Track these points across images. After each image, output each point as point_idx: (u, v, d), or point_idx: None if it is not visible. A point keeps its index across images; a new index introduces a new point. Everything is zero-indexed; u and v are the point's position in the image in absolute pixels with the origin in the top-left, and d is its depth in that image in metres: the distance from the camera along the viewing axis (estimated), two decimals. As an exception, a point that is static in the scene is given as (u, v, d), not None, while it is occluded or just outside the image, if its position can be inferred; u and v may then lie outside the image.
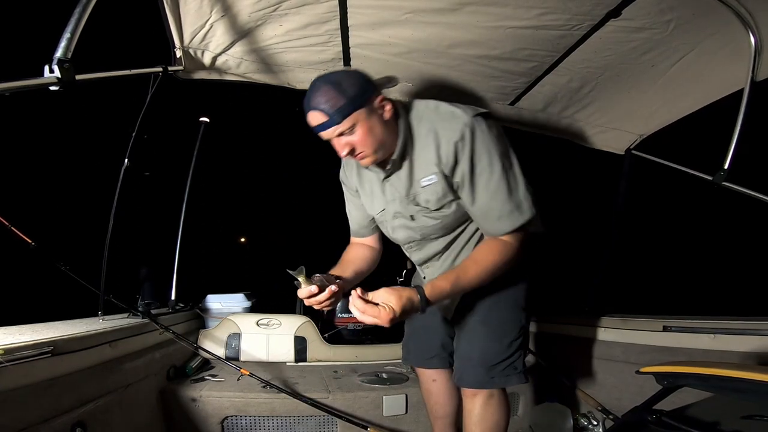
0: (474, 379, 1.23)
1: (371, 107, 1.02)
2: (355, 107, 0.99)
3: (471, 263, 1.08)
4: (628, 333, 1.76)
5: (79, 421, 1.11)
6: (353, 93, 0.99)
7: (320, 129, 1.02)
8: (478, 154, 1.05)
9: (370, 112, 1.02)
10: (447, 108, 1.09)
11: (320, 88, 0.99)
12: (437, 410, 1.47)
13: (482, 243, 1.14)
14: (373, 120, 1.03)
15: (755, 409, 0.84)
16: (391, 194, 1.19)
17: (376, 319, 0.95)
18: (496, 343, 1.22)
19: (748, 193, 1.58)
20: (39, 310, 1.68)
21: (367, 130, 1.02)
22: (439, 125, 1.07)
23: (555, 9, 1.30)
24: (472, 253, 1.12)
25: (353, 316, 1.00)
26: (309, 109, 1.01)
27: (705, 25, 1.38)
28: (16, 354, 0.95)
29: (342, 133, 1.01)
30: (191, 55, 1.50)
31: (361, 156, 1.06)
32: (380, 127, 1.04)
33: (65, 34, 1.03)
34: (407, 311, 0.97)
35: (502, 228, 1.09)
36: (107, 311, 1.65)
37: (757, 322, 1.38)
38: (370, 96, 1.03)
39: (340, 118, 0.98)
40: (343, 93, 0.98)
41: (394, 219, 1.23)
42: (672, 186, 4.85)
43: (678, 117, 1.90)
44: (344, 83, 0.99)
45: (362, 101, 1.00)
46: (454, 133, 1.04)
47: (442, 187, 1.10)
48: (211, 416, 1.61)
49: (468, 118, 1.04)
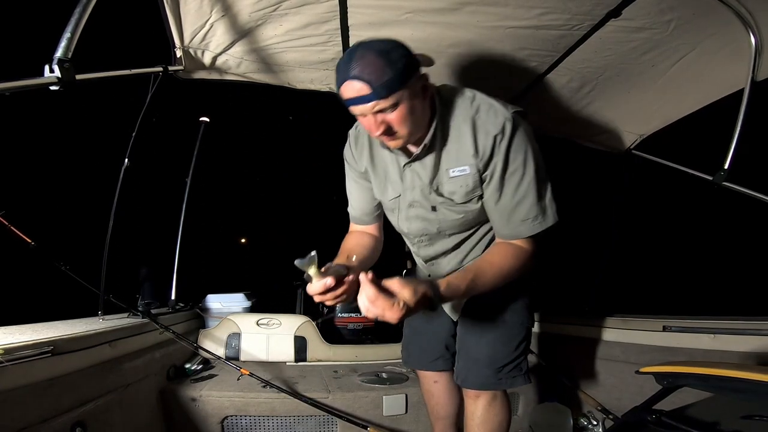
0: (480, 380, 1.20)
1: (415, 86, 0.93)
2: (402, 83, 0.89)
3: (488, 266, 1.02)
4: (628, 333, 1.76)
5: (79, 420, 1.11)
6: (401, 67, 0.88)
7: (357, 102, 0.90)
8: (515, 151, 1.00)
9: (413, 91, 0.93)
10: (485, 99, 1.03)
11: (365, 56, 0.87)
12: (438, 411, 1.45)
13: (498, 246, 1.09)
14: (415, 100, 0.94)
15: (755, 409, 0.84)
16: (412, 181, 1.11)
17: (385, 314, 0.83)
18: (506, 345, 1.20)
19: (748, 193, 1.58)
20: (39, 310, 1.68)
21: (408, 110, 0.92)
22: (478, 116, 1.01)
23: (555, 9, 1.30)
24: (489, 256, 1.06)
25: (353, 316, 0.97)
26: (348, 77, 0.88)
27: (705, 25, 1.38)
28: (16, 354, 0.95)
29: (382, 110, 0.91)
30: (191, 55, 1.50)
31: (395, 137, 0.97)
32: (420, 109, 0.97)
33: (65, 34, 1.04)
34: (418, 308, 0.87)
35: (522, 231, 1.04)
36: (107, 311, 1.65)
37: (757, 322, 1.38)
38: (416, 73, 0.94)
39: (385, 93, 0.88)
40: (392, 65, 0.87)
41: (410, 208, 1.15)
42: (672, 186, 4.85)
43: (678, 117, 1.90)
44: (393, 54, 0.88)
45: (409, 77, 0.90)
46: (495, 126, 0.99)
47: (473, 180, 1.03)
48: (211, 416, 1.61)
49: (508, 113, 1.00)
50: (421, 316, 1.36)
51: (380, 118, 0.93)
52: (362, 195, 1.25)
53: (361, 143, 1.19)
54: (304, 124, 9.34)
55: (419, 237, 1.21)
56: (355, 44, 0.92)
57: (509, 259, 1.04)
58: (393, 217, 1.24)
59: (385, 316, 0.83)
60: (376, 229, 1.30)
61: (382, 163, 1.17)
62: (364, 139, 1.18)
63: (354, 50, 0.90)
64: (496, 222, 1.09)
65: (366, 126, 0.97)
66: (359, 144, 1.20)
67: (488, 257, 1.06)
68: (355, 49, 0.90)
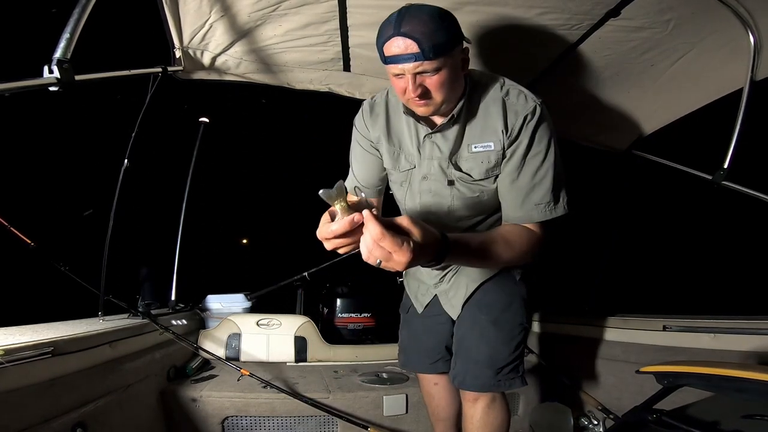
0: (480, 382, 1.18)
1: (458, 57, 0.96)
2: (450, 49, 0.91)
3: (500, 238, 0.97)
4: (628, 333, 1.76)
5: (80, 421, 1.11)
6: (453, 33, 0.91)
7: (401, 60, 0.90)
8: (540, 134, 1.01)
9: (455, 61, 0.95)
10: (515, 85, 1.07)
11: (419, 16, 0.88)
12: (439, 413, 1.44)
13: (509, 226, 1.05)
14: (455, 69, 0.96)
15: (756, 408, 0.84)
16: (431, 152, 1.10)
17: (393, 256, 0.69)
18: (505, 346, 1.18)
19: (748, 192, 1.58)
20: (39, 311, 1.67)
21: (449, 76, 0.93)
22: (508, 98, 1.04)
23: (555, 9, 1.30)
24: (502, 230, 1.02)
25: (353, 316, 0.95)
26: (398, 33, 0.88)
27: (704, 25, 1.38)
28: (17, 354, 0.95)
29: (424, 71, 0.91)
30: (191, 56, 1.50)
31: (429, 103, 0.97)
32: (457, 80, 0.98)
33: (64, 34, 1.04)
34: (427, 253, 0.75)
35: (534, 216, 1.02)
36: (107, 312, 1.65)
37: (757, 321, 1.38)
38: (461, 44, 0.96)
39: (432, 55, 0.88)
40: (444, 29, 0.89)
41: (423, 181, 1.13)
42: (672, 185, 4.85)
43: (678, 116, 1.90)
44: (447, 19, 0.91)
45: (456, 45, 0.93)
46: (525, 108, 1.01)
47: (496, 156, 1.04)
48: (212, 416, 1.61)
49: (538, 100, 1.04)
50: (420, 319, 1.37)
51: (419, 80, 0.93)
52: (369, 165, 1.22)
53: (376, 112, 1.18)
54: (304, 124, 9.34)
55: (424, 216, 1.15)
56: (406, 5, 0.92)
57: (522, 239, 1.01)
58: (400, 192, 1.22)
59: (393, 259, 0.69)
60: (376, 204, 1.27)
61: (398, 133, 1.15)
62: (380, 108, 1.16)
63: (406, 9, 0.90)
64: (509, 203, 1.06)
65: (400, 87, 0.96)
66: (374, 113, 1.18)
67: (501, 230, 1.02)
68: (407, 9, 0.90)
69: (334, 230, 0.72)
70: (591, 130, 2.07)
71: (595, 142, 2.13)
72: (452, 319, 1.29)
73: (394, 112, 1.16)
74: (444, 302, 1.29)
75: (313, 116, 8.14)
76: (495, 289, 1.20)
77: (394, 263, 0.70)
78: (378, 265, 0.72)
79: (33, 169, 6.78)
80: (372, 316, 2.68)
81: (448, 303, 1.28)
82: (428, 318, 1.35)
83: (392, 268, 0.72)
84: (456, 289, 1.25)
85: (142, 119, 1.78)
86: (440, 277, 1.28)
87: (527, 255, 1.03)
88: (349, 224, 0.69)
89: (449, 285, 1.27)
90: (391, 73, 0.96)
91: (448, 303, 1.28)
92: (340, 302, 2.70)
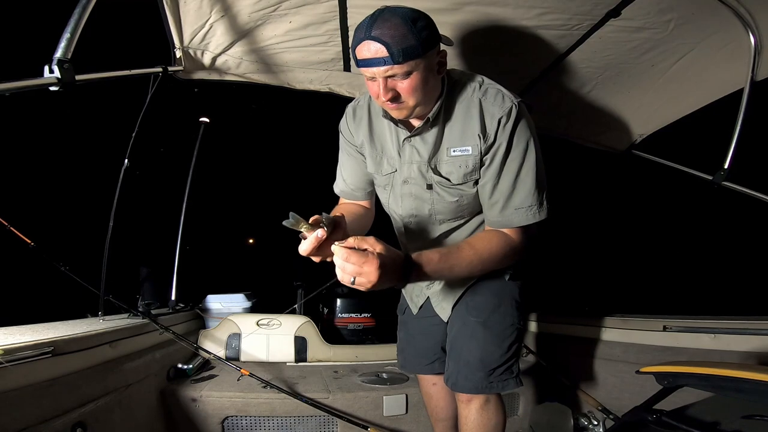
0: (471, 384, 1.17)
1: (432, 59, 0.94)
2: (421, 53, 0.89)
3: (467, 247, 0.99)
4: (628, 333, 1.76)
5: (80, 421, 1.10)
6: (424, 37, 0.88)
7: (371, 63, 0.89)
8: (518, 137, 1.00)
9: (428, 64, 0.93)
10: (494, 84, 1.04)
11: (390, 19, 0.87)
12: (438, 413, 1.44)
13: (485, 232, 1.07)
14: (429, 73, 0.94)
15: (756, 408, 0.84)
16: (410, 156, 1.09)
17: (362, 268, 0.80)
18: (497, 347, 1.17)
19: (748, 193, 1.58)
20: (39, 311, 1.68)
21: (420, 80, 0.92)
22: (485, 99, 1.01)
23: (555, 9, 1.30)
24: (471, 239, 1.04)
25: (353, 316, 0.96)
26: (368, 37, 0.87)
27: (705, 25, 1.38)
28: (17, 354, 0.95)
29: (394, 75, 0.90)
30: (191, 56, 1.50)
31: (401, 107, 0.97)
32: (431, 82, 0.96)
33: (65, 34, 1.04)
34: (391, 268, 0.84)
35: (515, 220, 1.02)
36: (107, 311, 1.65)
37: (757, 321, 1.38)
38: (436, 47, 0.94)
39: (401, 59, 0.87)
40: (414, 33, 0.87)
41: (404, 185, 1.14)
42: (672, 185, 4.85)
43: (678, 117, 1.90)
44: (419, 22, 0.89)
45: (428, 48, 0.90)
46: (501, 110, 0.99)
47: (473, 161, 1.03)
48: (212, 416, 1.61)
49: (515, 100, 1.01)
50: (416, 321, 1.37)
51: (391, 83, 0.92)
52: (357, 169, 1.24)
53: (359, 116, 1.18)
54: (303, 124, 9.34)
55: (407, 219, 1.19)
56: (380, 8, 0.90)
57: (492, 245, 1.01)
58: (384, 195, 1.22)
59: (363, 271, 0.80)
60: (368, 204, 1.29)
61: (380, 137, 1.15)
62: (363, 111, 1.16)
63: (380, 12, 0.89)
64: (490, 208, 1.06)
65: (373, 90, 0.96)
66: (357, 117, 1.19)
67: (470, 240, 1.05)
68: (381, 12, 0.89)
69: (306, 250, 0.84)
70: (591, 130, 2.07)
71: (595, 142, 2.13)
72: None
73: (375, 115, 1.15)
74: (435, 304, 1.30)
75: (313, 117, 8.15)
76: (483, 291, 1.20)
77: (366, 275, 0.80)
78: (352, 283, 0.82)
79: (33, 169, 6.78)
80: (372, 316, 2.69)
81: (439, 305, 1.28)
82: (423, 319, 1.36)
83: (365, 283, 0.81)
84: (446, 291, 1.26)
85: (142, 119, 1.78)
86: None
87: (500, 262, 1.02)
88: (316, 241, 0.82)
89: (440, 286, 1.27)
90: (365, 77, 0.95)
91: (439, 305, 1.28)
92: (340, 302, 2.70)
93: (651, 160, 2.04)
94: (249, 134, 9.97)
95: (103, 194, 1.92)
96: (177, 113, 3.82)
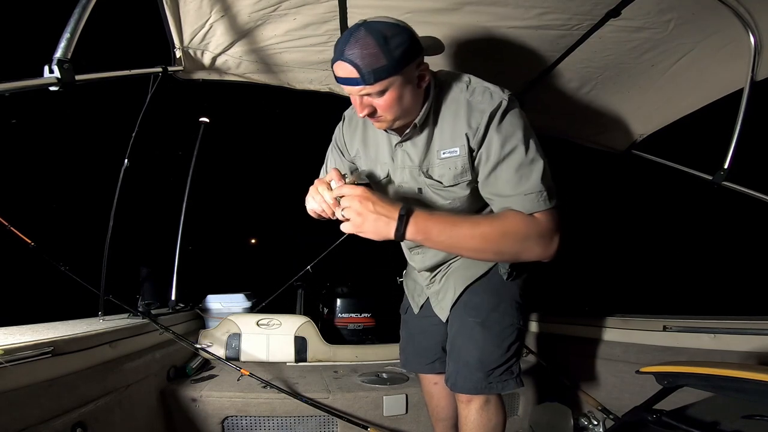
0: (470, 384, 1.17)
1: (410, 74, 0.92)
2: (394, 72, 0.88)
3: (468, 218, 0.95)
4: (628, 333, 1.76)
5: (80, 421, 1.10)
6: (397, 56, 0.87)
7: (346, 83, 0.91)
8: (512, 128, 0.95)
9: (406, 79, 0.92)
10: (481, 82, 1.02)
11: (363, 39, 0.86)
12: (439, 413, 1.45)
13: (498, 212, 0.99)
14: (406, 88, 0.93)
15: (756, 409, 0.84)
16: (402, 161, 1.10)
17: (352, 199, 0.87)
18: (496, 347, 1.16)
19: (748, 193, 1.58)
20: (39, 311, 1.68)
21: (396, 97, 0.92)
22: (473, 97, 0.99)
23: (555, 9, 1.30)
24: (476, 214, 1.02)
25: (353, 316, 0.96)
26: (341, 57, 0.88)
27: (705, 25, 1.38)
28: (17, 354, 0.95)
29: (369, 94, 0.91)
30: (191, 56, 1.50)
31: (380, 120, 0.98)
32: (410, 96, 0.95)
33: (65, 34, 1.04)
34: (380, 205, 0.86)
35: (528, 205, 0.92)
36: (107, 311, 1.65)
37: (757, 321, 1.38)
38: (413, 62, 0.92)
39: (372, 80, 0.87)
40: (386, 53, 0.86)
41: (399, 189, 1.15)
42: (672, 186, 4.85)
43: (678, 117, 1.90)
44: (392, 41, 0.87)
45: (403, 66, 0.89)
46: (491, 105, 0.95)
47: (462, 162, 1.01)
48: (211, 416, 1.61)
49: (505, 94, 0.97)
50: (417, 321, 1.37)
51: (366, 101, 0.93)
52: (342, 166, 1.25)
53: (354, 123, 1.20)
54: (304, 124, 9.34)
55: None
56: (360, 21, 0.90)
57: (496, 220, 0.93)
58: None
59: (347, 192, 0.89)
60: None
61: (374, 143, 1.16)
62: (357, 118, 1.17)
63: (356, 29, 0.88)
64: (498, 203, 0.99)
65: (354, 104, 0.98)
66: (353, 124, 1.20)
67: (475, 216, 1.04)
68: (357, 28, 0.88)
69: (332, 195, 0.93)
70: (591, 130, 2.07)
71: (595, 142, 2.13)
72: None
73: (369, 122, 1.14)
74: (434, 305, 1.30)
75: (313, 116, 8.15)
76: (482, 291, 1.20)
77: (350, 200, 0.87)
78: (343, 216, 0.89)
79: (33, 168, 6.79)
80: (372, 316, 2.69)
81: (438, 305, 1.29)
82: (424, 319, 1.36)
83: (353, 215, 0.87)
84: (445, 291, 1.26)
85: (142, 119, 1.78)
86: (431, 278, 1.30)
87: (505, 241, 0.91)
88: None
89: (440, 287, 1.28)
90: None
91: (438, 305, 1.28)
92: (340, 302, 2.70)
93: (651, 160, 2.04)
94: (249, 134, 9.97)
95: (103, 194, 1.92)
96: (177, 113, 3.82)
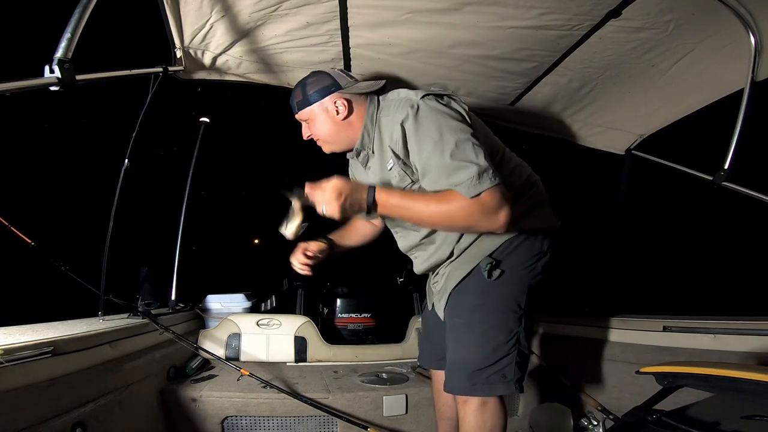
0: (455, 384, 1.16)
1: (324, 106, 1.23)
2: (307, 104, 1.23)
3: (421, 195, 1.09)
4: (628, 333, 1.76)
5: (79, 421, 1.10)
6: (309, 92, 1.23)
7: (294, 113, 1.29)
8: (425, 126, 1.07)
9: (321, 110, 1.23)
10: (406, 93, 1.17)
11: (297, 85, 1.27)
12: (444, 411, 1.45)
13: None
14: (322, 116, 1.23)
15: (755, 409, 0.84)
16: (373, 179, 1.26)
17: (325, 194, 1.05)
18: (478, 348, 1.14)
19: (748, 193, 1.58)
20: (39, 310, 1.68)
21: (319, 122, 1.24)
22: (392, 110, 1.15)
23: (555, 9, 1.30)
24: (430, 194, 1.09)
25: (353, 316, 0.97)
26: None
27: (705, 26, 1.38)
28: (17, 354, 0.95)
29: (303, 120, 1.28)
30: (191, 56, 1.50)
31: (319, 143, 1.29)
32: (329, 124, 1.24)
33: (65, 34, 1.04)
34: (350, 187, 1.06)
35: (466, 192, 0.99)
36: (107, 311, 1.65)
37: (757, 322, 1.38)
38: (324, 97, 1.22)
39: (297, 110, 1.27)
40: (303, 92, 1.24)
41: None
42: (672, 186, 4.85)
43: (678, 117, 1.90)
44: (309, 85, 1.24)
45: (315, 100, 1.22)
46: (401, 114, 1.10)
47: (398, 171, 1.16)
48: (211, 416, 1.61)
49: (416, 97, 1.11)
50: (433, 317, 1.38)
51: (304, 126, 1.29)
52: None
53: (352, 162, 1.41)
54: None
55: (394, 229, 1.38)
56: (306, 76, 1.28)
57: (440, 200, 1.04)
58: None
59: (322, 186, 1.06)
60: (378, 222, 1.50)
61: (357, 170, 1.37)
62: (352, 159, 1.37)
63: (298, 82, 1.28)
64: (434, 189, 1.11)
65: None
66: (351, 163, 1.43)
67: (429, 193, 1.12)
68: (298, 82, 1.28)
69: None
70: (591, 130, 2.07)
71: (595, 142, 2.13)
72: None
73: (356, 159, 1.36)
74: (435, 304, 1.33)
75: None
76: (466, 291, 1.20)
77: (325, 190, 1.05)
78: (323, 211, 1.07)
79: (34, 168, 6.79)
80: (372, 316, 2.68)
81: (438, 305, 1.31)
82: (436, 315, 1.37)
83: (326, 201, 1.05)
84: (443, 292, 1.27)
85: (142, 119, 1.78)
86: (433, 278, 1.35)
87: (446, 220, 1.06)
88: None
89: (439, 287, 1.30)
90: None
91: (438, 305, 1.31)
92: (340, 302, 2.69)
93: (651, 160, 2.04)
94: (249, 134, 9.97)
95: (104, 194, 1.92)
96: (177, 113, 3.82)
